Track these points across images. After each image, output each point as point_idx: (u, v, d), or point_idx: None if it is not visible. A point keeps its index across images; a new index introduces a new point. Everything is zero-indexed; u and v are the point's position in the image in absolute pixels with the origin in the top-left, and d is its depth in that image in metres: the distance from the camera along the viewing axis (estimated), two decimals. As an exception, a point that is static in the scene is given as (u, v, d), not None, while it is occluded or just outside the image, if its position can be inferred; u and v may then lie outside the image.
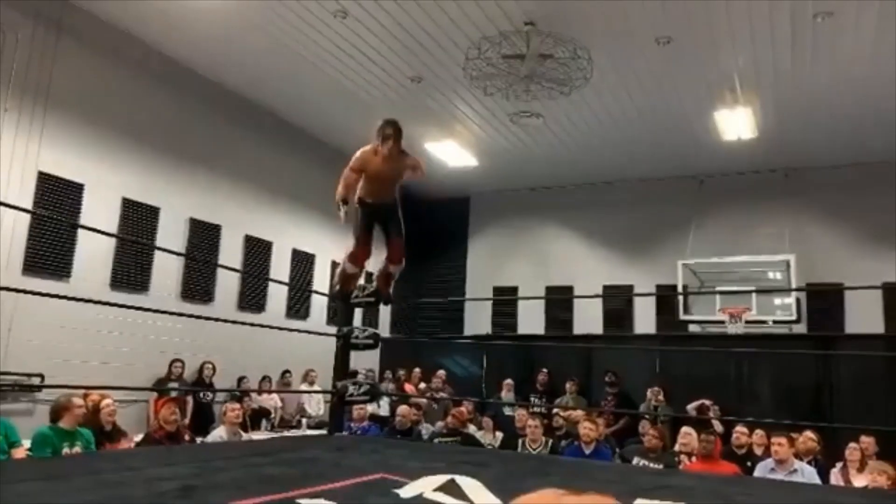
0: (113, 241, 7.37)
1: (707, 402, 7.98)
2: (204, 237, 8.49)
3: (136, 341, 7.33)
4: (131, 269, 7.56)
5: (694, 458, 5.63)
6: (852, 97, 7.95)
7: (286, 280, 9.65)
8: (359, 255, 4.08)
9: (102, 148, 7.33)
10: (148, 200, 7.79)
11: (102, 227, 7.09)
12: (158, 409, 5.97)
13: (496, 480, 2.38)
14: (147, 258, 7.74)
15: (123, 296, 7.19)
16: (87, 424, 5.17)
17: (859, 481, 5.43)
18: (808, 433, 5.93)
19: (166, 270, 7.96)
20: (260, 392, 8.44)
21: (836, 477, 5.73)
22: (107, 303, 4.07)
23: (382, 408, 8.83)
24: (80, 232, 6.98)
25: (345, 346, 4.48)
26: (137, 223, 7.64)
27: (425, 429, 7.30)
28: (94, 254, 7.11)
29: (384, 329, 11.41)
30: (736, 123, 8.55)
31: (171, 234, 7.92)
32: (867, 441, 5.98)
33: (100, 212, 7.12)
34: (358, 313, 5.07)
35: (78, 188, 7.01)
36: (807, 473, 5.13)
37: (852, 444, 5.77)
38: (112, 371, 6.96)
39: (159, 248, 7.73)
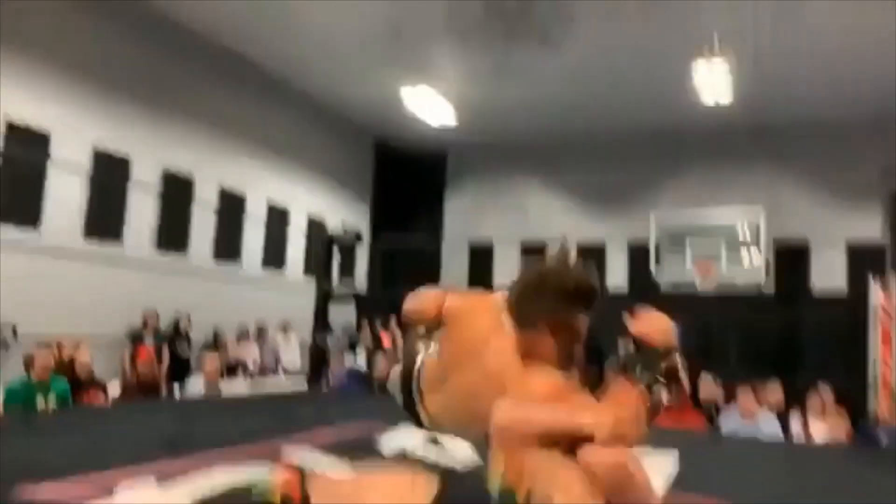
0: (85, 190, 7.24)
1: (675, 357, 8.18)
2: (177, 189, 8.38)
3: (109, 291, 7.26)
4: (104, 219, 7.45)
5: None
6: (830, 55, 8.00)
7: (261, 232, 9.60)
8: None
9: (72, 97, 7.12)
10: (119, 152, 7.64)
11: (73, 179, 7.04)
12: (134, 360, 5.98)
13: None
14: (120, 207, 7.63)
15: (97, 245, 7.11)
16: (62, 375, 5.16)
17: (817, 427, 5.68)
18: (774, 385, 6.15)
19: (140, 220, 7.86)
20: (237, 343, 8.46)
21: (796, 424, 5.98)
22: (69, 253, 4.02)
23: (360, 359, 8.92)
24: (51, 182, 6.84)
25: (324, 300, 4.52)
26: (109, 174, 7.51)
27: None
28: (65, 203, 6.99)
29: (361, 282, 11.45)
30: (714, 81, 8.56)
31: (143, 186, 7.80)
32: (826, 392, 6.23)
33: (70, 162, 6.97)
34: (335, 264, 5.08)
35: (46, 139, 6.83)
36: (769, 423, 5.35)
37: (813, 395, 6.01)
38: (86, 321, 6.91)
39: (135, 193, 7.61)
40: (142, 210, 7.88)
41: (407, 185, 12.21)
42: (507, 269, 11.59)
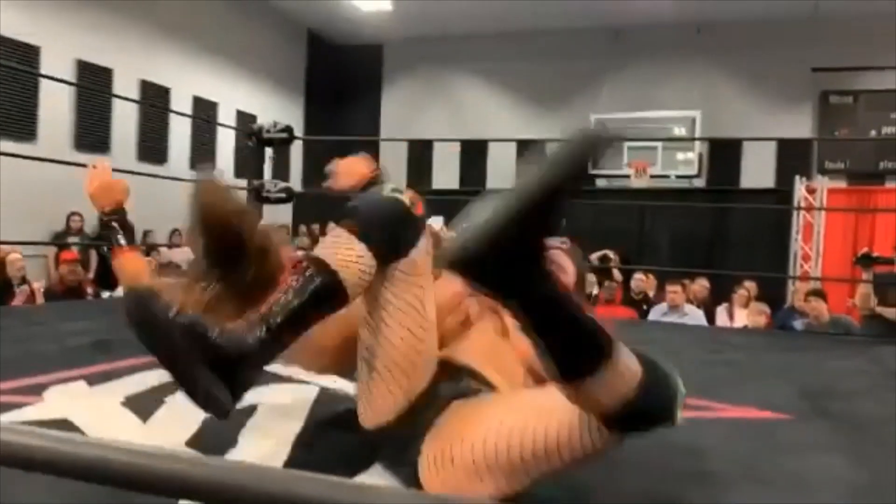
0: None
1: (609, 253, 8.40)
2: (94, 82, 7.82)
3: (26, 194, 6.83)
4: (14, 116, 6.93)
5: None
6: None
7: (187, 130, 9.14)
8: None
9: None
10: (27, 38, 7.00)
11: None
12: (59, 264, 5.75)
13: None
14: (31, 103, 7.10)
15: (9, 144, 6.62)
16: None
17: (740, 317, 6.01)
18: (702, 280, 6.42)
19: (56, 117, 7.34)
20: (170, 246, 8.22)
21: (721, 314, 6.31)
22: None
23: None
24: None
25: (256, 200, 4.37)
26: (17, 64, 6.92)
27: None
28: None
29: (296, 183, 11.15)
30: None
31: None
32: (750, 285, 6.56)
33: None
34: (268, 165, 4.88)
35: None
36: (695, 315, 5.63)
37: (739, 289, 6.32)
38: (6, 227, 6.52)
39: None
40: (57, 105, 7.35)
41: (342, 80, 11.76)
42: (446, 166, 11.48)
